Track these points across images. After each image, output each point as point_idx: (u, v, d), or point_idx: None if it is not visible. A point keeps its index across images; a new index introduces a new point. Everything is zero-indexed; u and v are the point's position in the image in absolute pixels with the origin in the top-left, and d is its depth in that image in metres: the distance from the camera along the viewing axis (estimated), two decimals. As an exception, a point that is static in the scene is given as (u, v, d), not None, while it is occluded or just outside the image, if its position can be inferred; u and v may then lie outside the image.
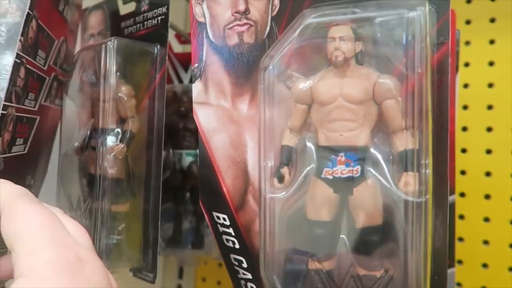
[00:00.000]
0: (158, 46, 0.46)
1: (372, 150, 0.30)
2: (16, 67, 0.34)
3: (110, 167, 0.42)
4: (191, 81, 0.60)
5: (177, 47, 0.62)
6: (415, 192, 0.28)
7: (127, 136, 0.44)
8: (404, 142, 0.29)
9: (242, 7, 0.35)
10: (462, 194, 0.61)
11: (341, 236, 0.31)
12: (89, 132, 0.46)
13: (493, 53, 0.60)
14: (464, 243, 0.60)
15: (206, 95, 0.37)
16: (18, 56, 0.34)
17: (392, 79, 0.30)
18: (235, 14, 0.35)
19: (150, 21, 0.46)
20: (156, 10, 0.46)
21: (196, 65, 0.37)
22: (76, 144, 0.48)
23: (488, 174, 0.60)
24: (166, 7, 0.45)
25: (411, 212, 0.29)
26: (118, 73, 0.44)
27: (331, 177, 0.31)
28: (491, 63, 0.60)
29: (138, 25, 0.47)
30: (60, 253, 0.22)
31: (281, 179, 0.33)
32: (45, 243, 0.22)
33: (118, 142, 0.44)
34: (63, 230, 0.23)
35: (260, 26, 0.34)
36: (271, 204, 0.34)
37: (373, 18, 0.30)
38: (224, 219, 0.37)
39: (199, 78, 0.37)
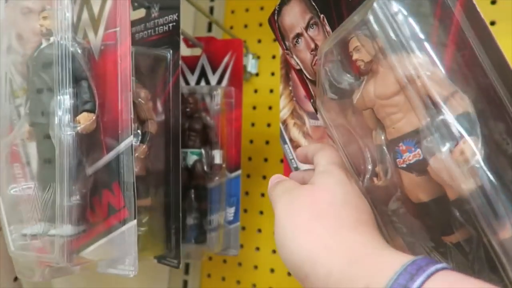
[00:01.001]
0: (171, 51, 0.49)
1: (426, 128, 0.30)
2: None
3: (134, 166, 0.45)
4: (198, 83, 0.64)
5: (185, 51, 0.65)
6: (473, 157, 0.28)
7: (147, 136, 0.48)
8: (456, 107, 0.29)
9: (312, 45, 0.41)
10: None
11: (452, 209, 0.31)
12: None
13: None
14: None
15: (326, 121, 0.42)
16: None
17: (414, 58, 0.30)
18: (312, 53, 0.41)
19: (161, 27, 0.49)
20: (166, 17, 0.48)
21: (312, 101, 0.44)
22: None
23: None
24: (177, 14, 0.48)
25: (475, 175, 0.29)
26: (134, 78, 0.47)
27: (405, 165, 0.32)
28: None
29: (149, 31, 0.50)
30: (340, 171, 0.35)
31: (378, 177, 0.35)
32: (338, 163, 0.36)
33: (139, 143, 0.47)
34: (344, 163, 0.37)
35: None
36: (374, 202, 0.36)
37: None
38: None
39: (319, 110, 0.42)
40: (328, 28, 0.39)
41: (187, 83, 0.64)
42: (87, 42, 0.42)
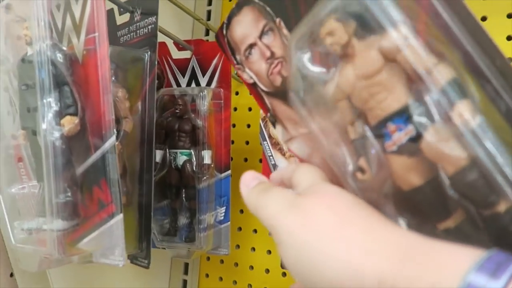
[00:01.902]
0: (149, 52, 0.50)
1: (415, 102, 0.29)
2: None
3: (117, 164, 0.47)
4: (188, 86, 0.65)
5: (176, 54, 0.67)
6: (471, 119, 0.27)
7: (121, 135, 0.49)
8: (441, 75, 0.28)
9: (268, 53, 0.40)
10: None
11: (446, 189, 0.30)
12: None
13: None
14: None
15: (289, 132, 0.41)
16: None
17: (393, 32, 0.29)
18: (268, 61, 0.40)
19: (142, 29, 0.51)
20: (146, 20, 0.50)
21: (269, 114, 0.42)
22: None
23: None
24: (155, 17, 0.50)
25: (476, 138, 0.27)
26: (113, 78, 0.49)
27: (396, 148, 0.30)
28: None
29: (131, 34, 0.52)
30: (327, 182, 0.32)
31: (362, 170, 0.33)
32: (321, 177, 0.33)
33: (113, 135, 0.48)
34: None
35: (287, 57, 0.39)
36: (364, 197, 0.33)
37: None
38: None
39: (276, 123, 0.42)
40: (285, 31, 0.38)
41: (178, 85, 0.66)
42: (71, 48, 0.44)
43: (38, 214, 0.43)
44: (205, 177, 0.61)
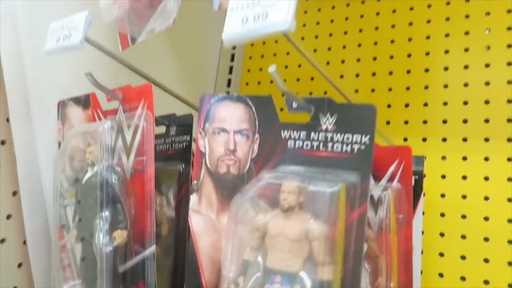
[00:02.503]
0: (183, 165, 0.59)
1: (301, 275, 0.40)
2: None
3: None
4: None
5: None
6: None
7: (160, 239, 0.58)
8: (323, 273, 0.40)
9: (232, 147, 0.46)
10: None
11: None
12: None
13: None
14: None
15: (199, 206, 0.48)
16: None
17: (320, 225, 0.40)
18: (227, 151, 0.46)
19: (177, 144, 0.60)
20: (181, 137, 0.60)
21: (195, 182, 0.49)
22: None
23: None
24: (189, 136, 0.59)
25: None
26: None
27: None
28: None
29: (167, 145, 0.62)
30: None
31: (237, 286, 0.43)
32: None
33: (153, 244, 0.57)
34: None
35: (242, 163, 0.46)
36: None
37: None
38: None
39: (196, 192, 0.49)
40: (256, 147, 0.45)
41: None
42: (120, 165, 0.53)
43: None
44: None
